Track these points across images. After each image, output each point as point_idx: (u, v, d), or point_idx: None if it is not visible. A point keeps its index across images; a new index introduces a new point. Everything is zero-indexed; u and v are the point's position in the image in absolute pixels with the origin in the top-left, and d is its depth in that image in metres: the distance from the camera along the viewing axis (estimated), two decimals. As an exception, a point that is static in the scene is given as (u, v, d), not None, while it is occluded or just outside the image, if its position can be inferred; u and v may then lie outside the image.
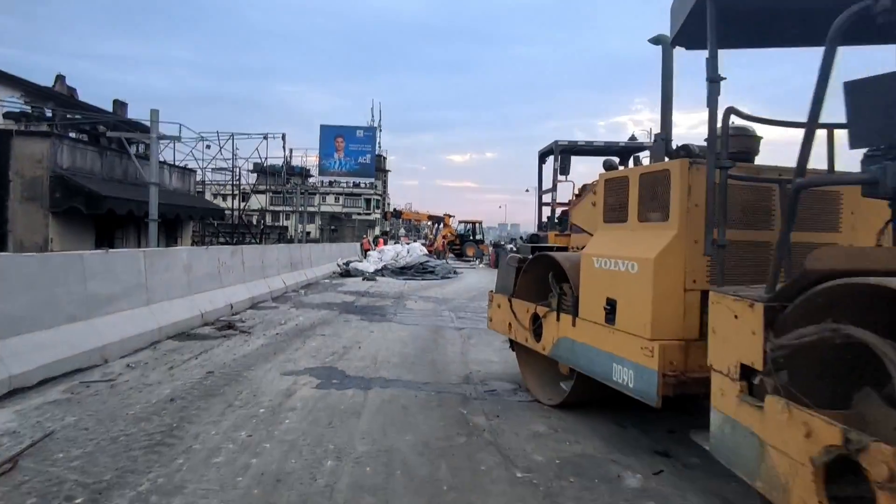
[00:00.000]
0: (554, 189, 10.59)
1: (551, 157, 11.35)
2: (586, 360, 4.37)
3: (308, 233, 73.45)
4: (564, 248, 6.94)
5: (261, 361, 6.72)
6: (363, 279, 19.22)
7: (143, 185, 20.88)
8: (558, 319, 4.85)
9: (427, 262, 22.34)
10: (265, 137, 32.38)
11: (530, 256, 5.85)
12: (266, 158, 32.13)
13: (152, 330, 7.61)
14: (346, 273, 20.68)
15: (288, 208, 75.31)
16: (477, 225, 41.64)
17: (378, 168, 78.16)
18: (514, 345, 6.06)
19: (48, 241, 16.45)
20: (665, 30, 4.26)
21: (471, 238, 40.74)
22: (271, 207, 74.32)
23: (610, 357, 4.05)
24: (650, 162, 4.75)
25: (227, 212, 33.66)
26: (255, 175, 60.17)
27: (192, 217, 22.93)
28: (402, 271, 21.35)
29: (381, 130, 79.83)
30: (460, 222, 41.65)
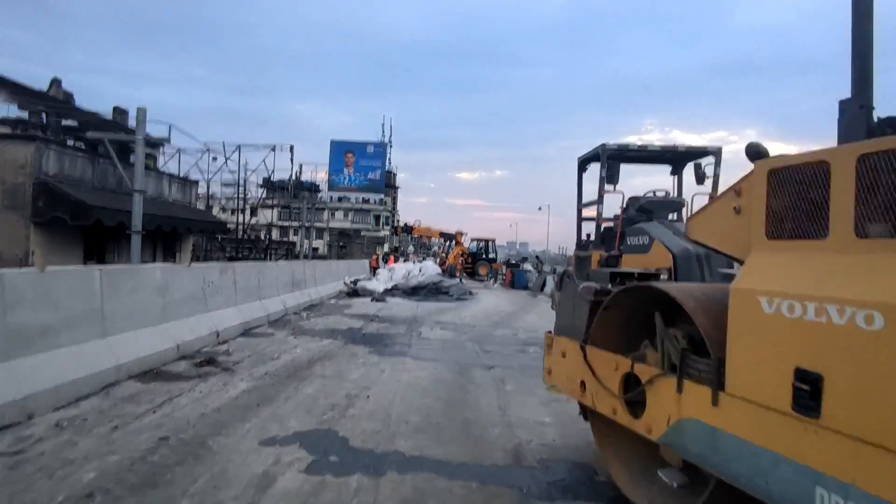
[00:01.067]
0: (599, 201, 8.91)
1: (594, 165, 9.68)
2: (747, 469, 2.62)
3: (316, 249, 72.17)
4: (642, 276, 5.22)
5: (237, 419, 5.01)
6: (372, 300, 17.54)
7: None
8: (680, 389, 3.11)
9: (441, 281, 20.65)
10: (273, 149, 31.02)
11: (613, 288, 4.10)
12: (273, 171, 30.68)
13: (107, 369, 5.94)
14: (354, 293, 18.99)
15: (296, 223, 74.09)
16: (490, 243, 39.93)
17: (388, 184, 76.86)
18: (587, 411, 4.31)
19: (29, 253, 14.88)
20: (676, 49, 2.60)
21: (483, 256, 39.00)
22: (279, 222, 73.20)
23: (806, 473, 2.31)
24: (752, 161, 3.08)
25: (231, 226, 32.19)
26: (264, 189, 59.14)
27: (191, 231, 21.40)
28: (414, 291, 19.65)
29: (391, 147, 78.63)
30: (472, 240, 39.96)
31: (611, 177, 8.68)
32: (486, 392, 6.42)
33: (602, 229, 9.63)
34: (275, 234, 71.83)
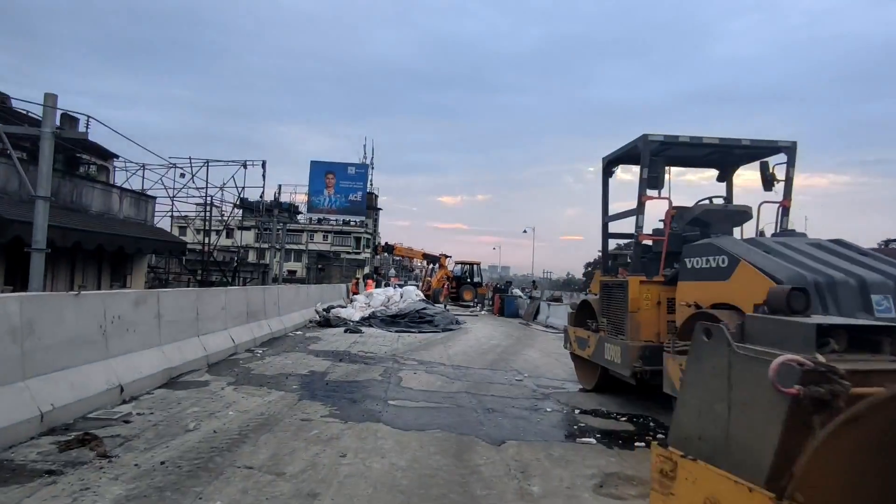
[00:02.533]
0: (639, 211, 6.72)
1: (620, 167, 7.57)
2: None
3: (294, 272, 69.34)
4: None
5: None
6: (346, 331, 15.13)
7: (81, 210, 16.89)
8: None
9: (424, 308, 18.32)
10: (244, 165, 28.61)
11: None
12: (244, 188, 28.24)
13: None
14: (326, 322, 16.56)
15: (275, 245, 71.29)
16: (475, 266, 37.71)
17: (369, 206, 74.48)
18: None
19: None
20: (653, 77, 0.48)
21: (468, 280, 36.75)
22: (256, 244, 70.32)
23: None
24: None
25: (197, 247, 29.58)
26: (240, 210, 56.44)
27: (142, 251, 18.81)
28: (394, 320, 17.27)
29: (373, 168, 76.59)
30: (457, 263, 37.72)
31: (654, 179, 6.53)
32: (501, 497, 4.08)
33: (632, 247, 7.47)
34: (251, 257, 68.99)
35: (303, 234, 71.13)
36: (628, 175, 8.36)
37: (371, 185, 76.50)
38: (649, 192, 6.54)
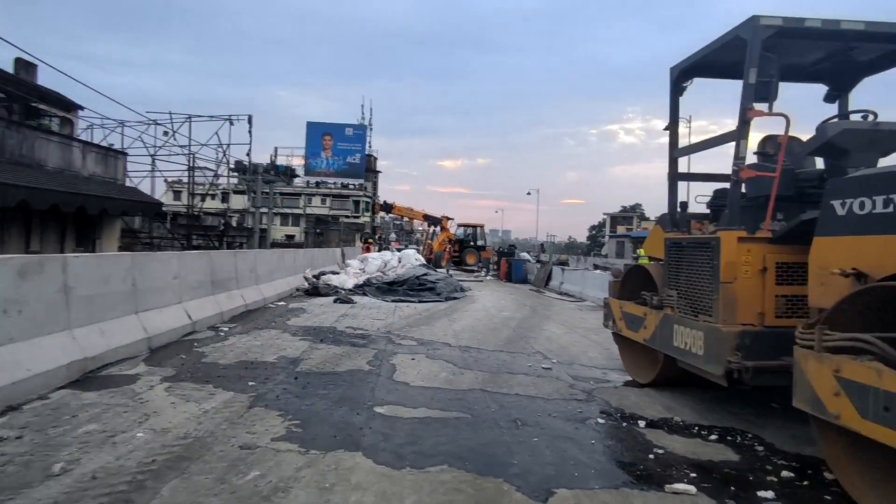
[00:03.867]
0: (742, 133, 4.59)
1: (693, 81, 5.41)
2: None
3: (292, 236, 67.28)
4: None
5: None
6: (335, 300, 13.16)
7: (33, 165, 14.73)
8: None
9: (425, 274, 16.30)
10: (230, 121, 26.29)
11: None
12: (228, 145, 25.96)
13: None
14: (315, 290, 14.59)
15: (259, 207, 68.95)
16: (478, 229, 35.63)
17: (368, 169, 71.96)
18: None
19: None
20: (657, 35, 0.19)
21: (471, 244, 34.75)
22: (252, 209, 68.07)
23: None
24: None
25: (194, 211, 27.44)
26: (232, 173, 53.97)
27: (108, 212, 16.60)
28: (392, 288, 15.28)
29: (371, 129, 73.82)
30: (459, 226, 35.64)
31: (765, 87, 4.38)
32: None
33: (727, 190, 5.41)
34: (248, 222, 66.78)
35: (300, 198, 68.85)
36: (631, 137, 6.21)
37: (370, 147, 73.83)
38: (757, 107, 4.40)
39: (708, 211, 5.64)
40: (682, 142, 5.83)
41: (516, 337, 9.04)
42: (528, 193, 58.20)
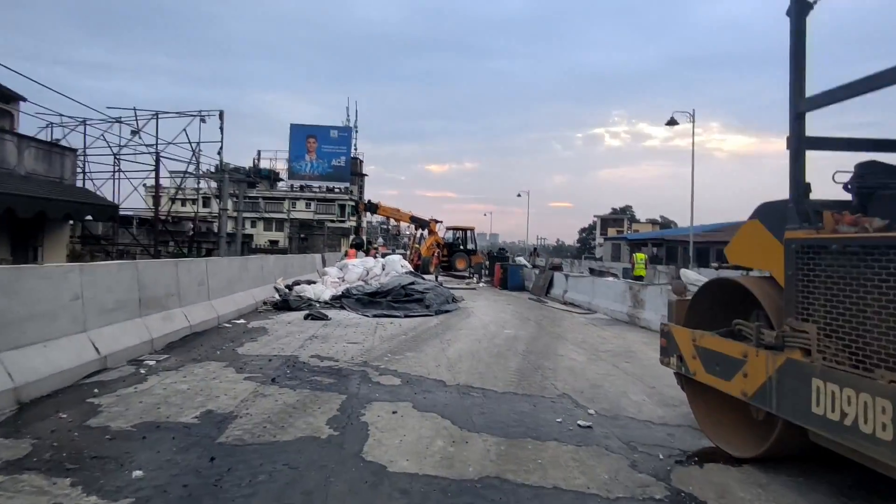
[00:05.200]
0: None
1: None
2: None
3: (276, 242, 64.82)
4: None
5: None
6: (307, 316, 11.07)
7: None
8: None
9: (412, 283, 14.23)
10: (200, 117, 24.07)
11: None
12: (199, 143, 23.72)
13: None
14: (284, 304, 12.48)
15: (254, 214, 66.55)
16: (468, 232, 33.62)
17: (354, 172, 69.70)
18: None
19: None
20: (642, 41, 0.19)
21: (461, 248, 32.74)
22: (234, 213, 65.54)
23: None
24: None
25: (147, 214, 25.08)
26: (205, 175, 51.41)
27: (46, 215, 14.27)
28: (374, 300, 13.20)
29: (357, 132, 71.76)
30: (448, 229, 33.62)
31: None
32: None
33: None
34: (230, 227, 64.20)
35: (284, 202, 66.37)
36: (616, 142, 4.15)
37: (355, 149, 71.66)
38: None
39: (850, 197, 3.63)
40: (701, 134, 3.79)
41: (529, 367, 7.00)
42: (519, 195, 56.37)
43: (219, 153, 24.61)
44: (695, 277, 9.49)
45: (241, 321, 10.33)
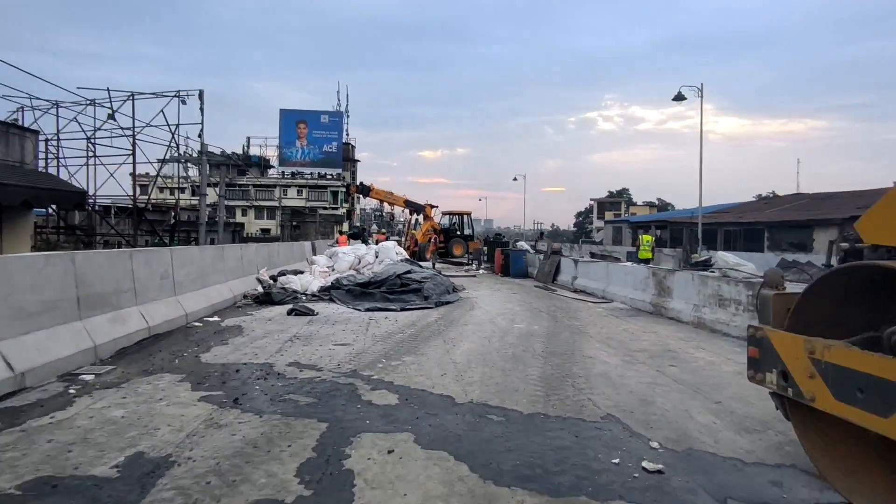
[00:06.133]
0: None
1: None
2: None
3: (268, 230, 63.28)
4: None
5: None
6: (290, 311, 9.75)
7: None
8: None
9: (408, 272, 12.90)
10: (179, 97, 22.52)
11: None
12: (177, 125, 22.18)
13: None
14: (267, 297, 11.15)
15: (244, 202, 64.90)
16: (465, 217, 32.27)
17: (346, 157, 68.03)
18: None
19: None
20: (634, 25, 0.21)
21: (458, 233, 31.41)
22: (227, 202, 63.90)
23: None
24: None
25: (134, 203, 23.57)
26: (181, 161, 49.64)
27: (5, 201, 12.88)
28: (366, 291, 11.89)
29: (348, 117, 69.93)
30: (444, 214, 32.25)
31: None
32: None
33: None
34: (220, 215, 62.45)
35: (275, 190, 64.70)
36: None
37: (347, 135, 69.92)
38: None
39: None
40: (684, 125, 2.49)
41: (555, 375, 5.70)
42: (515, 179, 55.06)
43: (199, 135, 23.08)
44: (734, 261, 8.23)
45: (215, 319, 9.01)
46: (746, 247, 25.02)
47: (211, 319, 8.94)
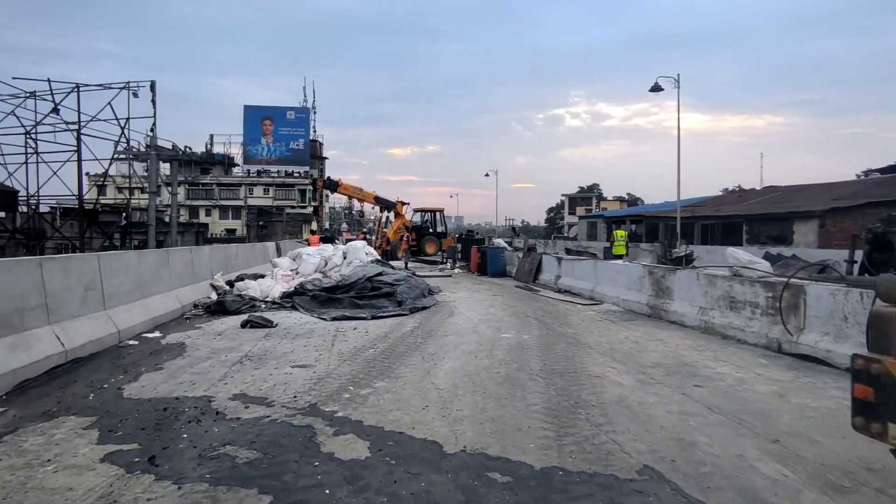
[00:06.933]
0: None
1: None
2: None
3: (233, 231, 61.11)
4: None
5: None
6: (244, 323, 8.50)
7: None
8: None
9: (379, 274, 11.72)
10: (129, 89, 20.84)
11: None
12: (128, 119, 20.52)
13: None
14: (220, 306, 9.87)
15: (208, 202, 62.59)
16: (438, 214, 31.17)
17: (313, 155, 66.08)
18: None
19: None
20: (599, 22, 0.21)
21: (430, 231, 30.31)
22: (188, 202, 61.60)
23: None
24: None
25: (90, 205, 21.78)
26: (169, 165, 47.43)
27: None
28: (333, 296, 10.68)
29: (315, 113, 68.10)
30: (415, 211, 31.10)
31: None
32: None
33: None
34: (185, 217, 60.14)
35: (240, 189, 62.53)
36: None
37: (314, 131, 68.01)
38: None
39: None
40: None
41: (563, 405, 4.63)
42: (487, 175, 54.10)
43: (151, 129, 21.38)
44: (747, 258, 7.29)
45: (155, 335, 7.73)
46: (724, 240, 24.53)
47: (150, 336, 7.66)
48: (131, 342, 7.20)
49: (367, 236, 31.18)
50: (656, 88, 22.66)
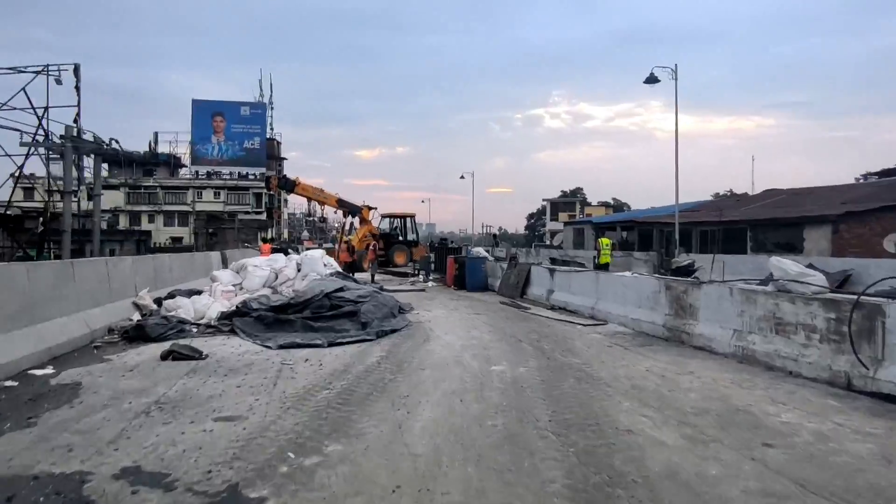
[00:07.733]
0: None
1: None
2: None
3: (180, 238, 58.90)
4: None
5: None
6: (165, 354, 7.21)
7: None
8: None
9: (339, 290, 10.50)
10: (48, 73, 19.26)
11: None
12: (46, 108, 18.93)
13: None
14: (139, 331, 8.54)
15: (151, 207, 60.26)
16: (408, 220, 30.02)
17: (270, 155, 64.25)
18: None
19: None
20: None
21: (399, 239, 29.16)
22: (128, 207, 59.27)
23: None
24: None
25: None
26: (105, 165, 45.21)
27: None
28: (282, 318, 9.43)
29: (273, 108, 66.37)
30: (384, 217, 29.91)
31: None
32: None
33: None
34: (122, 223, 57.74)
35: (188, 192, 60.31)
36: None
37: (272, 130, 66.25)
38: None
39: None
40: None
41: (594, 483, 3.49)
42: (462, 177, 53.00)
43: (75, 120, 19.72)
44: (796, 270, 6.33)
45: (46, 371, 6.43)
46: (726, 248, 23.91)
47: (38, 373, 6.35)
48: (8, 383, 5.88)
49: (316, 245, 29.83)
50: (652, 80, 22.01)
